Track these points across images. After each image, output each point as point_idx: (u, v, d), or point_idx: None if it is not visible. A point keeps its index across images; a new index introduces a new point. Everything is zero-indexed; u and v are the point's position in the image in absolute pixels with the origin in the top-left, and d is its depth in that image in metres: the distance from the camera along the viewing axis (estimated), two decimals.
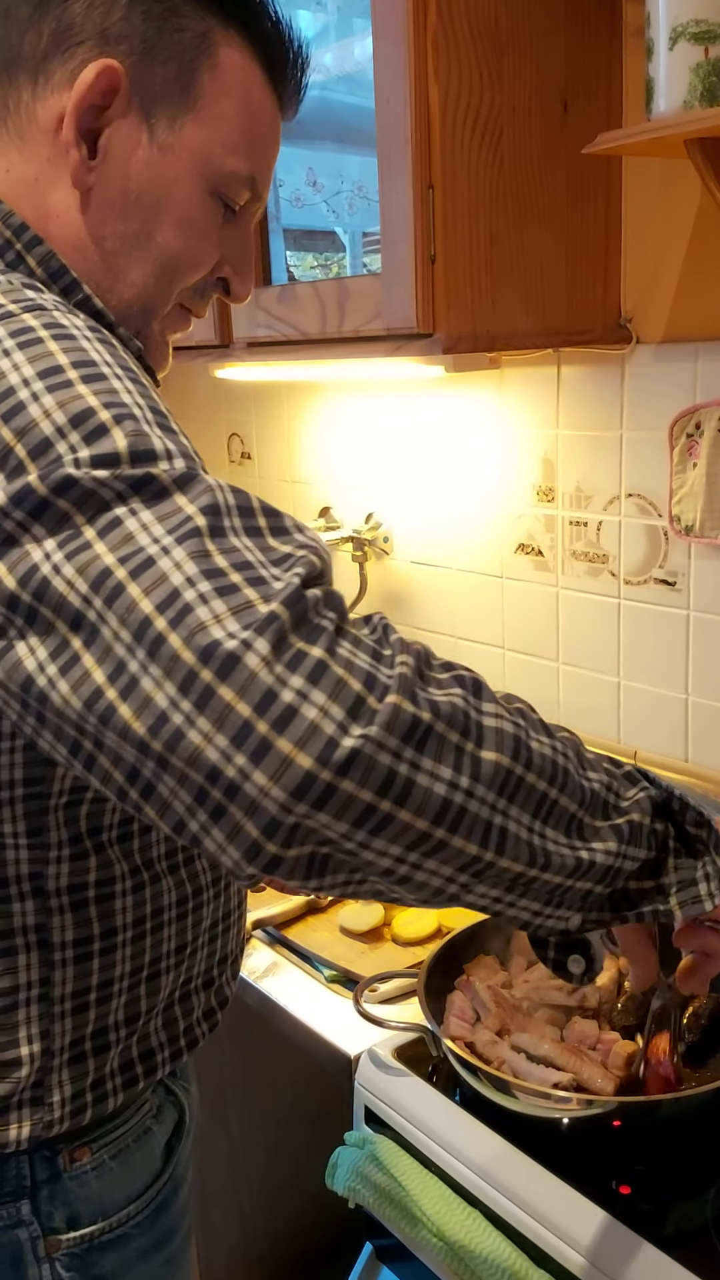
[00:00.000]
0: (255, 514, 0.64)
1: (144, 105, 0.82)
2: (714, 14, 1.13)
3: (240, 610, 0.58)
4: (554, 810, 0.64)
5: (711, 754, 1.56)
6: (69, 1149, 0.84)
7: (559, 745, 0.66)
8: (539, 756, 0.64)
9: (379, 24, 1.26)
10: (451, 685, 0.63)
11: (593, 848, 0.66)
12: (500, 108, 1.31)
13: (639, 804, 0.69)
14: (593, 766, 0.68)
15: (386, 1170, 1.07)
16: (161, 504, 0.62)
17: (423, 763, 0.59)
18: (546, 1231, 0.93)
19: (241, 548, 0.62)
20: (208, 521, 0.61)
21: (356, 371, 1.80)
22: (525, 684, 1.81)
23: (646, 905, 0.70)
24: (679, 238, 1.44)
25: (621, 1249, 0.88)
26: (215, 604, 0.58)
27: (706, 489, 1.44)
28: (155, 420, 0.67)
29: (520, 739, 0.63)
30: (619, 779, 0.70)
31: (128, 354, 0.74)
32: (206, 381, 2.37)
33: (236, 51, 0.84)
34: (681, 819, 0.71)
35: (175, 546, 0.60)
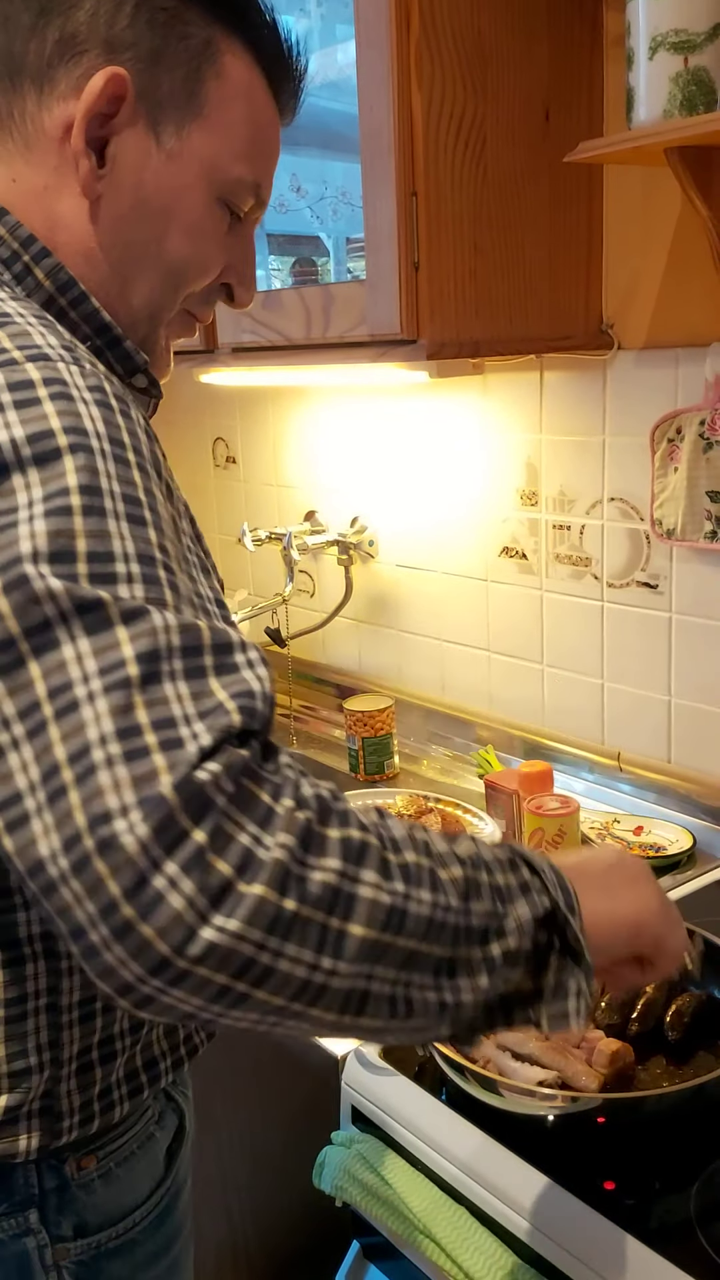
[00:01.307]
0: (203, 652, 0.63)
1: (151, 113, 0.82)
2: (693, 23, 1.14)
3: (140, 781, 0.58)
4: (424, 961, 0.65)
5: (694, 755, 1.57)
6: (76, 1157, 0.84)
7: (441, 898, 0.66)
8: (414, 919, 0.64)
9: (362, 31, 1.27)
10: (334, 854, 0.62)
11: (461, 987, 0.67)
12: (483, 116, 1.32)
13: (522, 927, 0.69)
14: (478, 895, 0.68)
15: (373, 1169, 1.07)
16: (101, 636, 0.61)
17: (285, 949, 0.59)
18: (532, 1228, 0.93)
19: (171, 697, 0.61)
20: (140, 671, 0.61)
21: (341, 377, 1.81)
22: (509, 687, 1.82)
23: (519, 1012, 0.72)
24: (660, 245, 1.46)
25: (607, 1244, 0.89)
26: (119, 769, 0.58)
27: (687, 493, 1.45)
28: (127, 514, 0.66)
29: (395, 907, 0.63)
30: (509, 893, 0.70)
31: (134, 408, 0.73)
32: (192, 387, 2.37)
33: (239, 58, 0.84)
34: (565, 933, 0.71)
35: (100, 695, 0.60)
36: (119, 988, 0.59)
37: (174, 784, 0.58)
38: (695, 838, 1.51)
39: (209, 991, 0.59)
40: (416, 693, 1.99)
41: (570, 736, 1.73)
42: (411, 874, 0.65)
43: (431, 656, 1.96)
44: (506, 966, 0.69)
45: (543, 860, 0.74)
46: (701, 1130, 0.98)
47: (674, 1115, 0.97)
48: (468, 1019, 0.70)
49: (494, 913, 0.68)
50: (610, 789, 1.66)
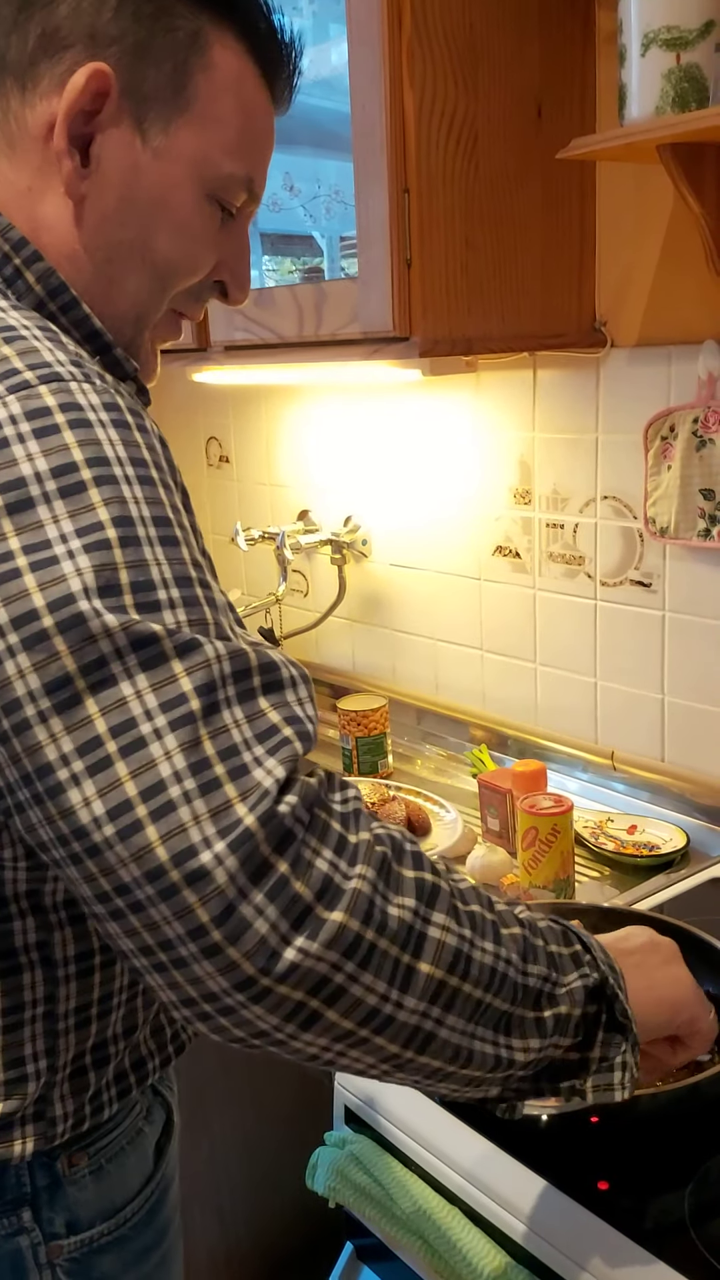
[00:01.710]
0: (251, 674, 0.65)
1: (136, 109, 0.79)
2: (685, 20, 1.14)
3: (219, 812, 0.61)
4: (485, 1012, 0.68)
5: (687, 753, 1.57)
6: (67, 1154, 0.84)
7: (503, 951, 0.69)
8: (478, 966, 0.67)
9: (354, 30, 1.27)
10: (409, 893, 0.65)
11: (514, 1045, 0.70)
12: (475, 113, 1.32)
13: (573, 995, 0.72)
14: (535, 959, 0.71)
15: (366, 1170, 1.07)
16: (158, 671, 0.63)
17: (361, 976, 0.63)
18: (526, 1228, 0.93)
19: (230, 724, 0.63)
20: (202, 703, 0.63)
21: (334, 375, 1.80)
22: (503, 686, 1.81)
23: (566, 1080, 0.74)
24: (652, 242, 1.45)
25: (601, 1245, 0.89)
26: (197, 804, 0.61)
27: (681, 491, 1.45)
28: (160, 538, 0.67)
29: (461, 951, 0.66)
30: (563, 963, 0.73)
31: (146, 417, 0.72)
32: (184, 385, 2.37)
33: (230, 50, 0.82)
34: (613, 1007, 0.75)
35: (168, 732, 0.62)
36: (204, 996, 0.62)
37: (258, 818, 0.61)
38: (689, 836, 1.51)
39: (285, 1008, 0.62)
40: (410, 692, 1.98)
41: (564, 735, 1.73)
42: (478, 923, 0.68)
43: (425, 656, 1.95)
44: (558, 1033, 0.72)
45: (589, 936, 0.78)
46: (695, 1130, 0.98)
47: (668, 1115, 0.97)
48: (516, 1081, 0.73)
49: (548, 978, 0.72)
50: (604, 788, 1.66)
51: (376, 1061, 0.67)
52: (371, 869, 0.64)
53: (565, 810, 1.37)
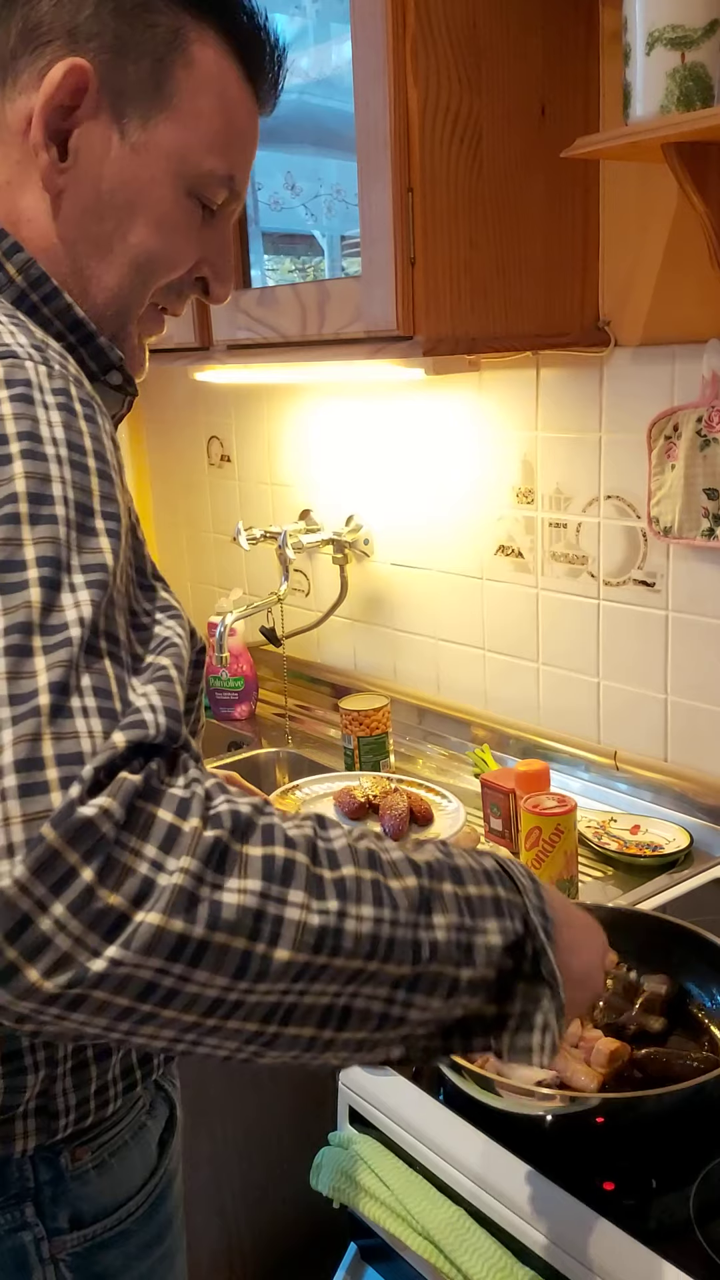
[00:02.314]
0: (120, 644, 0.61)
1: (115, 104, 0.80)
2: (691, 19, 1.14)
3: (30, 820, 0.55)
4: (370, 978, 0.62)
5: (690, 753, 1.57)
6: (70, 1149, 0.84)
7: (386, 913, 0.62)
8: (351, 938, 0.60)
9: (358, 28, 1.27)
10: (254, 874, 0.58)
11: (414, 1002, 0.63)
12: (479, 112, 1.32)
13: (490, 952, 0.66)
14: (443, 908, 0.64)
15: (371, 1170, 1.07)
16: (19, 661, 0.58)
17: (195, 975, 0.56)
18: (531, 1228, 0.93)
19: (76, 710, 0.57)
20: (49, 701, 0.57)
21: (337, 374, 1.80)
22: (505, 685, 1.81)
23: (480, 1039, 0.69)
24: (656, 241, 1.45)
25: (605, 1244, 0.89)
26: (10, 804, 0.55)
27: (685, 490, 1.45)
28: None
29: (327, 927, 0.59)
30: (482, 907, 0.66)
31: (101, 414, 0.71)
32: (186, 384, 2.37)
33: (211, 48, 0.82)
34: (538, 964, 0.68)
35: (8, 725, 0.56)
36: (15, 1018, 0.56)
37: (52, 821, 0.55)
38: (692, 836, 1.51)
39: (111, 1012, 0.56)
40: (412, 692, 1.98)
41: (566, 735, 1.72)
42: (349, 889, 0.61)
43: (427, 655, 1.95)
44: (466, 993, 0.66)
45: (527, 879, 0.70)
46: (700, 1130, 0.98)
47: (672, 1115, 0.97)
48: (421, 1040, 0.67)
49: (460, 925, 0.65)
50: (607, 788, 1.66)
51: (240, 1045, 0.60)
52: (196, 859, 0.57)
53: (569, 810, 1.37)
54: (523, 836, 1.39)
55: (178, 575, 2.59)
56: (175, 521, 2.56)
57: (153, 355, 1.80)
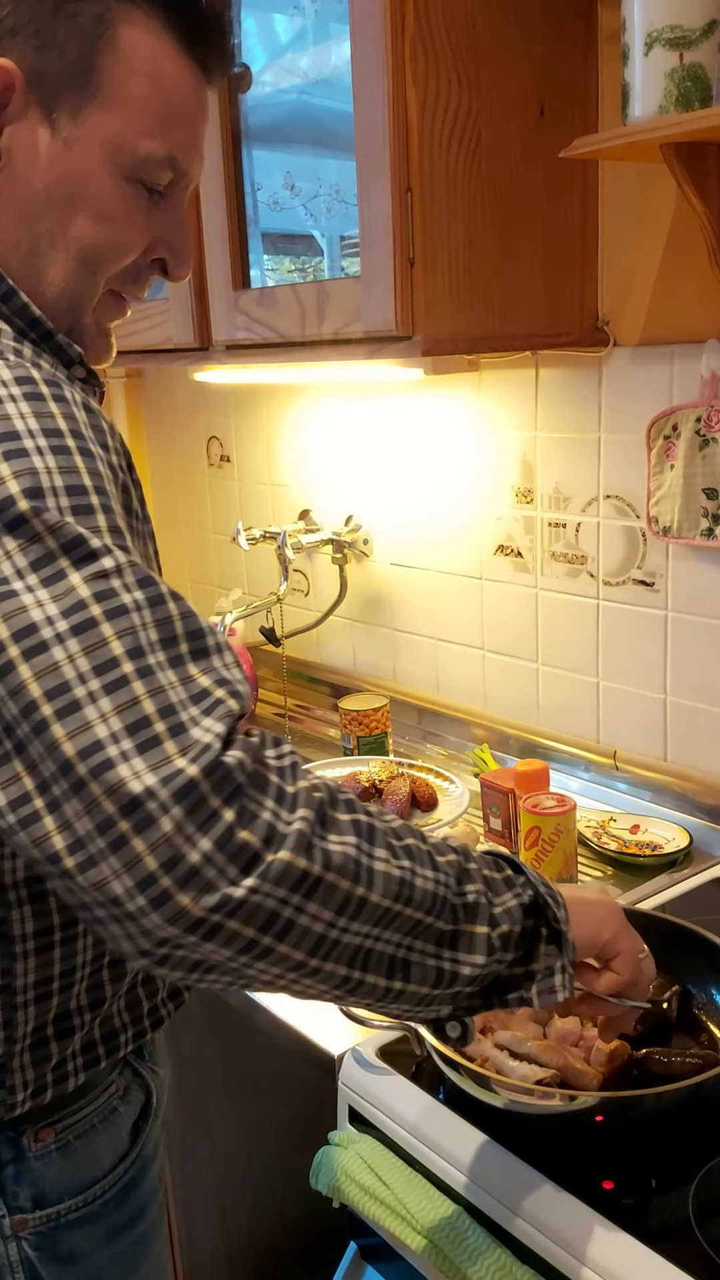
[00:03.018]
0: (178, 640, 0.68)
1: (44, 100, 0.80)
2: (689, 19, 1.14)
3: (159, 766, 0.63)
4: (428, 931, 0.72)
5: (689, 753, 1.57)
6: (33, 1129, 0.86)
7: (441, 876, 0.73)
8: (420, 893, 0.71)
9: (357, 28, 1.27)
10: (349, 832, 0.69)
11: (460, 959, 0.74)
12: (478, 112, 1.32)
13: (510, 912, 0.76)
14: (471, 880, 0.75)
15: (371, 1169, 1.07)
16: (87, 635, 0.65)
17: (307, 907, 0.66)
18: (531, 1228, 0.93)
19: (166, 685, 0.66)
20: (134, 666, 0.65)
21: (336, 374, 1.80)
22: (504, 685, 1.81)
23: (513, 992, 0.78)
24: (655, 241, 1.45)
25: (605, 1243, 0.89)
26: (135, 762, 0.63)
27: (684, 490, 1.45)
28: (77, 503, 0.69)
29: (405, 880, 0.70)
30: (496, 885, 0.77)
31: (68, 388, 0.73)
32: (185, 384, 2.37)
33: (139, 28, 0.80)
34: (546, 916, 0.79)
35: (102, 695, 0.64)
36: (156, 943, 0.64)
37: (202, 769, 0.63)
38: (691, 836, 1.51)
39: (238, 943, 0.64)
40: (411, 691, 1.98)
41: (566, 735, 1.73)
42: (415, 854, 0.72)
43: (426, 655, 1.95)
44: (501, 949, 0.75)
45: (520, 861, 0.82)
46: (699, 1129, 0.98)
47: (672, 1114, 0.97)
48: (465, 999, 0.76)
49: (487, 898, 0.76)
50: (606, 787, 1.66)
51: (330, 987, 0.69)
52: (312, 812, 0.67)
53: (568, 810, 1.37)
54: (522, 836, 1.40)
55: (178, 575, 2.59)
56: (175, 521, 2.56)
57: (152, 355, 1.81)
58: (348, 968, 0.69)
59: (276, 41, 1.77)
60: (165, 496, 2.57)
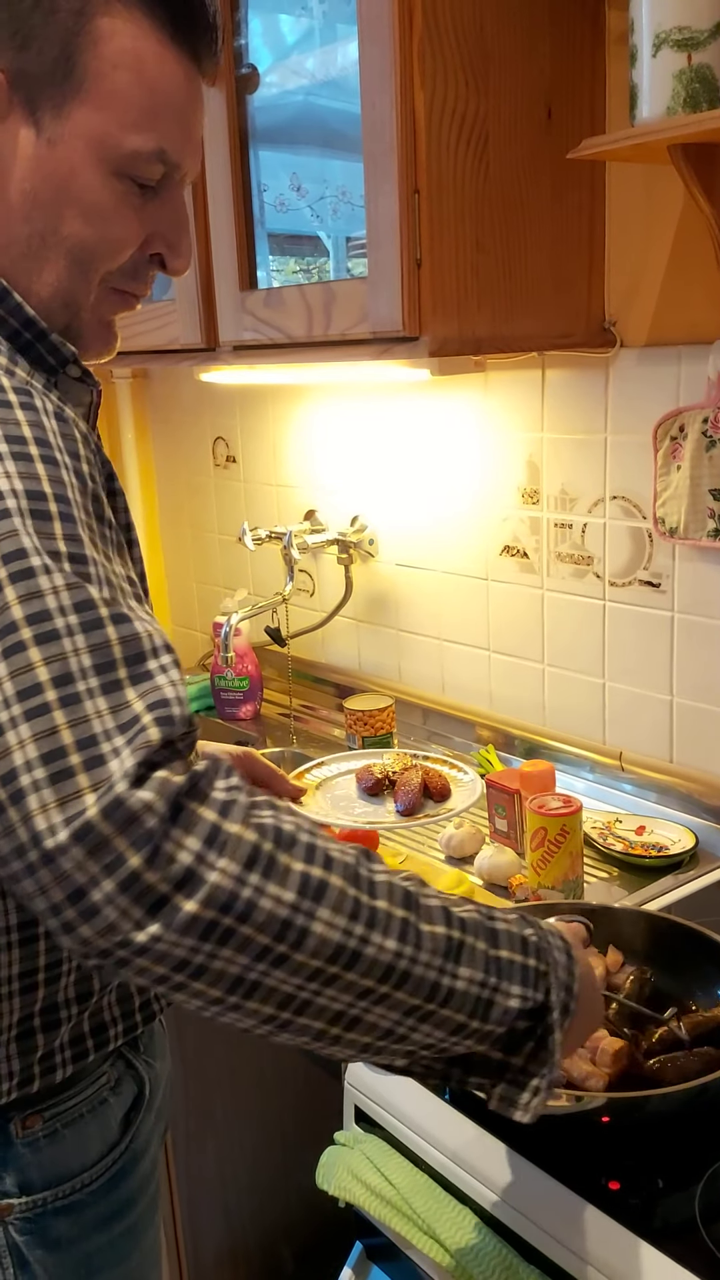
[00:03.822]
0: (115, 665, 0.66)
1: (27, 100, 0.79)
2: (697, 21, 1.14)
3: (66, 801, 0.62)
4: (381, 999, 0.68)
5: (695, 754, 1.57)
6: (20, 1116, 0.86)
7: (407, 949, 0.68)
8: (368, 961, 0.67)
9: (365, 29, 1.27)
10: (291, 887, 0.65)
11: (420, 1029, 0.70)
12: (485, 113, 1.32)
13: (507, 1014, 0.72)
14: (468, 961, 0.71)
15: (376, 1169, 1.07)
16: (15, 659, 0.65)
17: (220, 953, 0.64)
18: (536, 1228, 0.93)
19: (89, 713, 0.64)
20: (59, 694, 0.64)
21: (342, 375, 1.81)
22: (510, 685, 1.81)
23: (477, 1078, 0.76)
24: (662, 242, 1.45)
25: (611, 1243, 0.89)
26: (45, 793, 0.62)
27: (690, 491, 1.45)
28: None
29: (345, 946, 0.66)
30: (509, 970, 0.72)
31: (40, 396, 0.73)
32: (192, 385, 2.37)
33: (121, 20, 0.78)
34: (549, 1039, 0.74)
35: (22, 722, 0.63)
36: (82, 957, 0.65)
37: (102, 809, 0.62)
38: (697, 837, 1.51)
39: (151, 976, 0.64)
40: (416, 692, 1.98)
41: (571, 736, 1.73)
42: (378, 920, 0.67)
43: (431, 656, 1.95)
44: (474, 1037, 0.72)
45: (562, 953, 0.76)
46: (705, 1129, 0.98)
47: (678, 1114, 0.97)
48: (423, 1060, 0.74)
49: (483, 982, 0.71)
50: (612, 789, 1.66)
51: (257, 1022, 0.67)
52: (237, 863, 0.64)
53: (574, 811, 1.37)
54: (528, 837, 1.40)
55: (183, 575, 2.60)
56: (180, 522, 2.56)
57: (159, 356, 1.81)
58: (275, 1008, 0.66)
59: (283, 42, 1.77)
60: (171, 497, 2.58)
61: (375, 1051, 0.71)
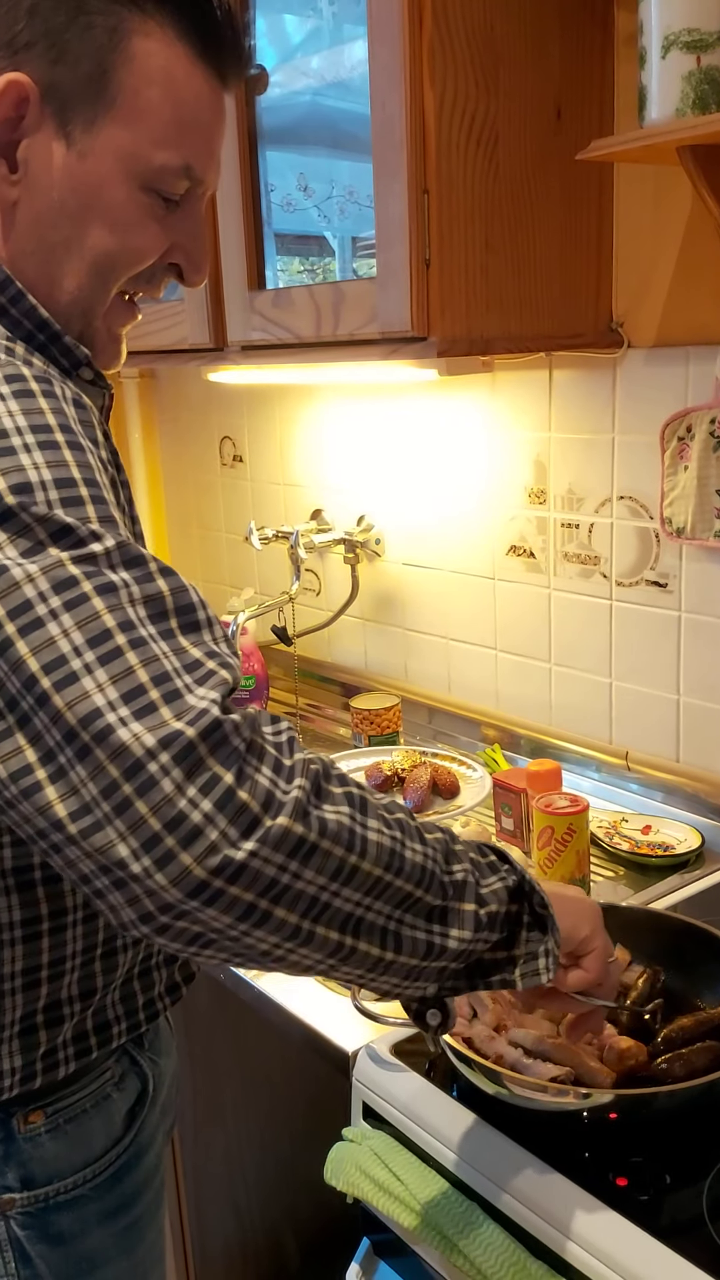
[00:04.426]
0: (168, 615, 0.69)
1: (59, 112, 0.80)
2: (706, 22, 1.14)
3: (157, 729, 0.65)
4: (417, 904, 0.74)
5: (703, 754, 1.57)
6: (23, 1112, 0.87)
7: (430, 851, 0.75)
8: (410, 864, 0.73)
9: (374, 29, 1.28)
10: (343, 803, 0.71)
11: (449, 934, 0.75)
12: (495, 114, 1.32)
13: (497, 894, 0.78)
14: (459, 859, 0.77)
15: (384, 1165, 1.08)
16: (80, 610, 0.67)
17: (304, 873, 0.67)
18: (544, 1224, 0.93)
19: (158, 654, 0.67)
20: (127, 637, 0.67)
21: (350, 375, 1.81)
22: (517, 685, 1.82)
23: (496, 975, 0.80)
24: (670, 243, 1.46)
25: (618, 1239, 0.89)
26: (134, 725, 0.64)
27: (697, 491, 1.45)
28: (73, 494, 0.71)
29: (395, 850, 0.72)
30: (483, 868, 0.79)
31: (59, 384, 0.75)
32: (199, 385, 2.37)
33: (153, 39, 0.80)
34: (531, 901, 0.81)
35: (88, 650, 0.66)
36: (159, 908, 0.65)
37: (199, 731, 0.65)
38: (704, 837, 1.51)
39: (238, 909, 0.66)
40: (423, 691, 1.99)
41: (577, 735, 1.73)
42: (405, 828, 0.74)
43: (438, 655, 1.96)
44: (487, 928, 0.77)
45: (504, 849, 0.84)
46: (713, 1125, 0.98)
47: (686, 1111, 0.97)
48: (450, 976, 0.78)
49: (474, 877, 0.78)
50: (618, 788, 1.66)
51: (324, 955, 0.71)
52: (308, 782, 0.69)
53: (581, 810, 1.38)
54: (535, 836, 1.40)
55: (190, 574, 2.59)
56: (187, 521, 2.57)
57: (167, 356, 1.82)
58: (339, 933, 0.70)
59: (288, 42, 1.78)
60: (178, 496, 2.58)
61: (415, 976, 0.75)
